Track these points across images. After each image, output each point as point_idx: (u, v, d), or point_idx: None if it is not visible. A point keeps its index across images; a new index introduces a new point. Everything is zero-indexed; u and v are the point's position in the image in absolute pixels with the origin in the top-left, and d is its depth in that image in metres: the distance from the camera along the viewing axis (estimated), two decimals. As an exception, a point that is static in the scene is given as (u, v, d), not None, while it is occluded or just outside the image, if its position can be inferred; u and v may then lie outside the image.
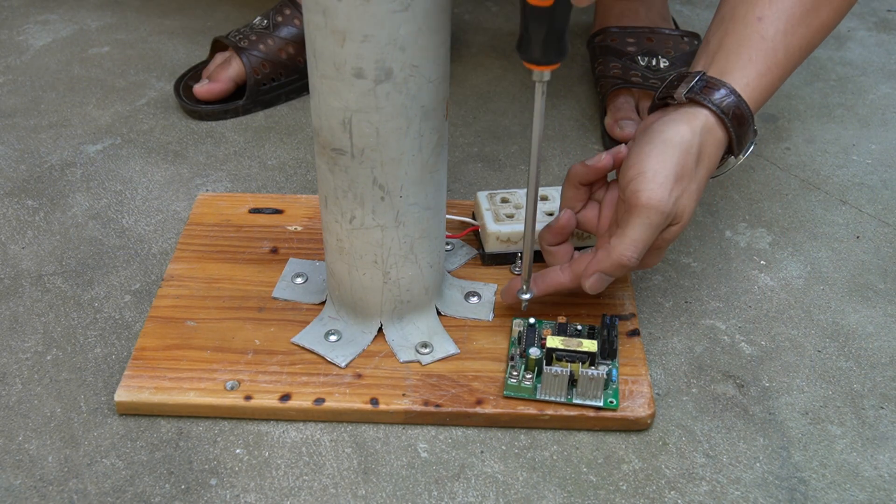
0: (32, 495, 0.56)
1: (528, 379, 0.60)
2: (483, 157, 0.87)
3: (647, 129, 0.62)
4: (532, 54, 0.52)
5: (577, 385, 0.59)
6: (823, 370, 0.66)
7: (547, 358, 0.60)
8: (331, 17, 0.52)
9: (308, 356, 0.63)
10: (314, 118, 0.58)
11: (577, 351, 0.60)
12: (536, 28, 0.50)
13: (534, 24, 0.50)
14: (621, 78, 0.89)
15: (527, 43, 0.51)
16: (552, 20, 0.50)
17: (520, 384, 0.60)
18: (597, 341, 0.61)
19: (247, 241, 0.73)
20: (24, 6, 1.13)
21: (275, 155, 0.87)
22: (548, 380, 0.59)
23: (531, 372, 0.61)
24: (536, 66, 0.52)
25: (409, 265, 0.62)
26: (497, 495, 0.57)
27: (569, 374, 0.59)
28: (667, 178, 0.59)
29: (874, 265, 0.75)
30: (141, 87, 0.97)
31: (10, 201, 0.80)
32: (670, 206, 0.59)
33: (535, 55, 0.52)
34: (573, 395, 0.60)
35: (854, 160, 0.88)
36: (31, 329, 0.67)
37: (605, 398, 0.60)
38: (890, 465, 0.59)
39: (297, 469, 0.58)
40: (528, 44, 0.51)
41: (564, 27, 0.51)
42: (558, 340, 0.60)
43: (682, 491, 0.57)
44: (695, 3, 1.17)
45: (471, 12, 1.14)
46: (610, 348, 0.61)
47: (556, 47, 0.51)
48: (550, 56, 0.52)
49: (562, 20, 0.50)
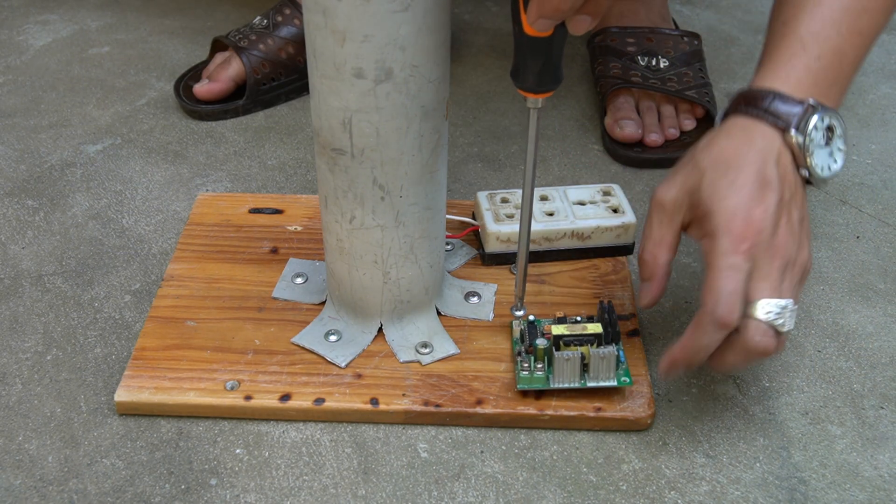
0: (32, 495, 0.56)
1: (540, 369, 0.60)
2: (483, 157, 0.87)
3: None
4: (527, 83, 0.52)
5: (590, 367, 0.59)
6: (823, 370, 0.66)
7: (555, 345, 0.60)
8: (331, 17, 0.52)
9: (308, 356, 0.63)
10: (314, 118, 0.58)
11: (583, 334, 0.60)
12: (533, 58, 0.51)
13: (531, 53, 0.50)
14: (621, 78, 0.89)
15: (522, 71, 0.52)
16: (549, 50, 0.50)
17: (532, 375, 0.60)
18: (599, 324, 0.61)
19: (247, 241, 0.73)
20: (24, 6, 1.13)
21: (275, 155, 0.87)
22: (560, 365, 0.59)
23: (541, 362, 0.61)
24: (531, 94, 0.53)
25: (409, 265, 0.62)
26: (497, 495, 0.57)
27: (580, 357, 0.59)
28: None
29: (874, 265, 0.75)
30: (141, 87, 0.97)
31: (10, 201, 0.80)
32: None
33: (530, 84, 0.52)
34: (586, 379, 0.60)
35: (854, 160, 0.88)
36: (31, 329, 0.67)
37: (619, 377, 0.60)
38: (890, 465, 0.59)
39: (297, 469, 0.58)
40: (523, 72, 0.52)
41: (560, 56, 0.51)
42: (563, 328, 0.60)
43: (682, 491, 0.57)
44: (695, 3, 1.17)
45: (471, 12, 1.14)
46: (613, 331, 0.61)
47: (551, 76, 0.52)
48: (546, 84, 0.52)
49: (558, 50, 0.51)
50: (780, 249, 0.55)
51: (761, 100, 0.58)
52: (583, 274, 0.71)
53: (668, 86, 0.88)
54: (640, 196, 0.82)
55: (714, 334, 0.54)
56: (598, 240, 0.71)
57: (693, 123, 0.89)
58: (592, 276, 0.70)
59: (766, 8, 0.66)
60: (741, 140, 0.58)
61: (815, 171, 0.58)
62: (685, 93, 0.87)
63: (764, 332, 0.54)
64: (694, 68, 0.90)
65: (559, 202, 0.72)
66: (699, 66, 0.90)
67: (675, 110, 0.89)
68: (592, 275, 0.71)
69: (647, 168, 0.86)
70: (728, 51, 1.07)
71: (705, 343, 0.55)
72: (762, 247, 0.55)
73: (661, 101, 0.89)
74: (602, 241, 0.71)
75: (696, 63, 0.90)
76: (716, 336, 0.55)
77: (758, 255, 0.55)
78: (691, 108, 0.89)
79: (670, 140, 0.87)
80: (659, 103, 0.89)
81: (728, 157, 0.57)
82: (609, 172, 0.86)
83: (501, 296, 0.68)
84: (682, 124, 0.88)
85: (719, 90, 0.98)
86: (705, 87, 0.89)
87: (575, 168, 0.86)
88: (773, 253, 0.55)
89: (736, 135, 0.58)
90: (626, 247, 0.72)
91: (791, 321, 0.55)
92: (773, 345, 0.55)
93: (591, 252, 0.72)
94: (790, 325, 0.54)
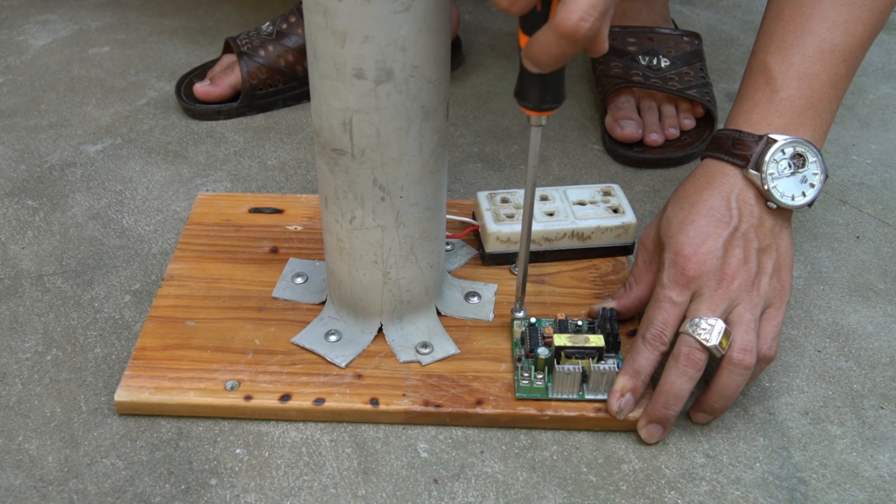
0: (32, 495, 0.56)
1: (540, 379, 0.60)
2: (483, 157, 0.87)
3: None
4: (532, 101, 0.52)
5: (589, 381, 0.60)
6: (823, 370, 0.66)
7: (556, 356, 0.60)
8: (331, 18, 0.52)
9: (308, 356, 0.63)
10: (315, 118, 0.58)
11: (585, 347, 0.60)
12: (543, 79, 0.51)
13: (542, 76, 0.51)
14: (622, 77, 0.89)
15: (526, 91, 0.52)
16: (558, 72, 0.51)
17: (532, 385, 0.60)
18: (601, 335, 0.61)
19: (247, 240, 0.73)
20: (24, 6, 1.13)
21: (275, 155, 0.87)
22: (560, 378, 0.59)
23: (541, 372, 0.61)
24: (535, 112, 0.53)
25: (409, 265, 0.62)
26: (497, 495, 0.57)
27: (581, 371, 0.59)
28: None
29: (874, 265, 0.75)
30: (141, 87, 0.97)
31: (10, 201, 0.80)
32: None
33: (534, 102, 0.52)
34: (585, 391, 0.60)
35: (854, 160, 0.88)
36: (31, 329, 0.67)
37: None
38: (890, 465, 0.59)
39: (297, 469, 0.58)
40: (527, 92, 0.52)
41: (563, 74, 0.52)
42: (565, 338, 0.60)
43: (682, 491, 0.57)
44: (695, 4, 1.17)
45: (471, 12, 1.14)
46: (614, 341, 0.61)
47: (555, 93, 0.52)
48: (550, 102, 0.52)
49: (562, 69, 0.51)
50: (727, 278, 0.59)
51: (724, 141, 0.63)
52: (583, 274, 0.71)
53: (670, 85, 0.88)
54: (640, 196, 0.82)
55: (647, 355, 0.59)
56: (598, 240, 0.71)
57: (693, 123, 0.89)
58: (592, 276, 0.70)
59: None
60: (703, 180, 0.63)
61: (780, 202, 0.62)
62: (686, 92, 0.87)
63: (689, 343, 0.58)
64: (695, 68, 0.90)
65: (559, 202, 0.72)
66: (700, 66, 0.90)
67: (676, 110, 0.89)
68: (592, 275, 0.71)
69: (648, 168, 0.86)
70: (728, 51, 1.07)
71: (641, 364, 0.59)
72: (705, 278, 0.59)
73: (662, 101, 0.89)
74: (602, 242, 0.71)
75: (697, 63, 0.90)
76: (649, 357, 0.59)
77: (700, 285, 0.59)
78: (691, 107, 0.89)
79: (670, 140, 0.87)
80: (660, 103, 0.89)
81: (688, 195, 0.62)
82: (609, 172, 0.86)
83: (501, 296, 0.68)
84: (682, 124, 0.88)
85: (719, 90, 0.98)
86: (706, 87, 0.89)
87: (575, 168, 0.86)
88: (718, 281, 0.59)
89: (700, 176, 0.63)
90: (626, 247, 0.72)
91: (714, 337, 0.57)
92: (700, 357, 0.58)
93: (591, 252, 0.72)
94: (714, 340, 0.57)
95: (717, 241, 0.59)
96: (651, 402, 0.59)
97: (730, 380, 0.58)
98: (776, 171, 0.61)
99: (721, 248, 0.59)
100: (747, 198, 0.61)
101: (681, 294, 0.59)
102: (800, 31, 0.62)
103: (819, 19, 0.62)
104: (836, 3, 0.62)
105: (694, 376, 0.58)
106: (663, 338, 0.59)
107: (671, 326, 0.59)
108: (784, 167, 0.61)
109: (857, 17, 0.62)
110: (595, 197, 0.73)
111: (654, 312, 0.60)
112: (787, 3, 0.63)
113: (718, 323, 0.58)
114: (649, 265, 0.64)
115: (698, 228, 0.60)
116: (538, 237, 0.70)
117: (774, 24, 0.64)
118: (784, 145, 0.61)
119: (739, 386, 0.58)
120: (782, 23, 0.63)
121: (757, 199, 0.61)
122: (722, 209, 0.61)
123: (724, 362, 0.58)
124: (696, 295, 0.59)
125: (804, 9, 0.62)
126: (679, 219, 0.61)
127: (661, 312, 0.59)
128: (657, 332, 0.59)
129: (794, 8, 0.63)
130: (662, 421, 0.58)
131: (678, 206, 0.62)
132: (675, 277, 0.59)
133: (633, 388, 0.59)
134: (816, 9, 0.62)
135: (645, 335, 0.59)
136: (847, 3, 0.62)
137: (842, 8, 0.62)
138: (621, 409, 0.59)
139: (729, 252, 0.59)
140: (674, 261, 0.60)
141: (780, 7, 0.64)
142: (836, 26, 0.62)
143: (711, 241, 0.60)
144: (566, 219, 0.71)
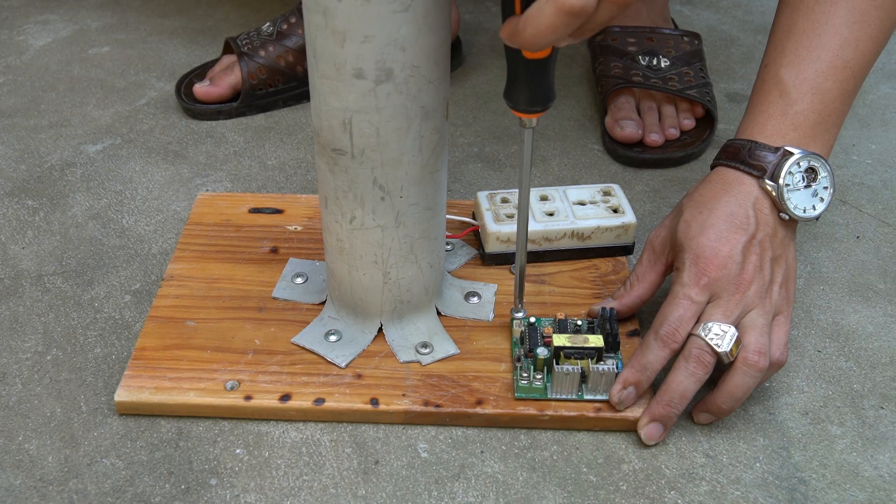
0: (32, 495, 0.56)
1: (539, 379, 0.60)
2: (483, 157, 0.87)
3: None
4: (523, 103, 0.53)
5: (588, 381, 0.60)
6: (823, 370, 0.66)
7: (555, 356, 0.60)
8: (331, 18, 0.52)
9: (308, 356, 0.63)
10: (314, 118, 0.58)
11: (584, 347, 0.60)
12: (531, 78, 0.51)
13: (529, 75, 0.51)
14: (622, 77, 0.89)
15: (518, 93, 0.52)
16: (546, 70, 0.51)
17: (531, 385, 0.60)
18: (601, 335, 0.61)
19: (247, 240, 0.73)
20: (24, 6, 1.13)
21: (275, 155, 0.87)
22: (559, 378, 0.59)
23: (540, 372, 0.61)
24: (527, 115, 0.53)
25: (409, 265, 0.62)
26: (497, 495, 0.57)
27: (580, 372, 0.59)
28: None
29: (874, 265, 0.75)
30: (141, 87, 0.97)
31: (10, 201, 0.80)
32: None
33: (526, 104, 0.53)
34: (584, 391, 0.60)
35: (854, 160, 0.88)
36: (31, 329, 0.67)
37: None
38: (890, 465, 0.59)
39: (297, 469, 0.58)
40: (518, 94, 0.52)
41: (552, 74, 0.52)
42: (564, 338, 0.60)
43: (682, 491, 0.57)
44: (695, 4, 1.17)
45: (471, 12, 1.14)
46: (614, 341, 0.61)
47: (546, 94, 0.52)
48: (541, 103, 0.53)
49: (553, 68, 0.51)
50: (743, 285, 0.59)
51: (739, 151, 0.63)
52: (583, 274, 0.71)
53: (670, 85, 0.88)
54: (640, 196, 0.82)
55: (658, 351, 0.59)
56: (598, 240, 0.71)
57: (693, 123, 0.89)
58: (592, 276, 0.70)
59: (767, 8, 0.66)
60: (719, 187, 0.63)
61: (793, 214, 0.62)
62: (686, 92, 0.87)
63: (700, 346, 0.58)
64: (695, 68, 0.90)
65: (559, 202, 0.72)
66: (700, 66, 0.90)
67: (676, 110, 0.89)
68: (592, 275, 0.71)
69: (647, 168, 0.86)
70: (728, 51, 1.07)
71: (650, 360, 0.59)
72: (724, 281, 0.59)
73: (661, 101, 0.89)
74: (602, 242, 0.71)
75: (697, 63, 0.90)
76: (659, 354, 0.59)
77: (719, 288, 0.60)
78: (691, 107, 0.89)
79: (670, 140, 0.87)
80: (660, 103, 0.89)
81: (705, 200, 0.63)
82: (609, 172, 0.86)
83: (501, 296, 0.68)
84: (682, 124, 0.88)
85: (719, 90, 0.98)
86: (706, 87, 0.89)
87: (575, 168, 0.86)
88: (735, 286, 0.59)
89: (716, 182, 0.64)
90: (626, 247, 0.72)
91: (726, 343, 0.58)
92: (710, 361, 0.58)
93: (591, 252, 0.72)
94: (725, 346, 0.58)
95: (737, 246, 0.60)
96: (655, 399, 0.59)
97: (742, 381, 0.58)
98: (791, 183, 0.62)
99: (740, 253, 0.60)
100: (763, 207, 0.62)
101: (700, 294, 0.59)
102: (813, 46, 0.63)
103: (832, 35, 0.63)
104: (847, 19, 0.62)
105: (701, 378, 0.58)
106: (676, 335, 0.59)
107: (686, 324, 0.59)
108: (798, 180, 0.62)
109: (868, 35, 0.63)
110: (595, 197, 0.73)
111: (670, 309, 0.60)
112: (798, 16, 0.64)
113: (731, 329, 0.58)
114: (653, 265, 0.64)
115: (719, 232, 0.60)
116: (538, 237, 0.70)
117: (787, 38, 0.64)
118: (800, 158, 0.62)
119: (750, 388, 0.58)
120: (795, 36, 0.64)
121: (772, 209, 0.62)
122: (741, 216, 0.61)
123: (739, 363, 0.58)
124: (713, 298, 0.60)
125: (816, 24, 0.63)
126: (699, 222, 0.61)
127: (678, 309, 0.59)
128: (671, 329, 0.59)
129: (807, 22, 0.63)
130: (664, 420, 0.59)
131: (696, 210, 0.62)
132: (697, 278, 0.60)
133: (637, 382, 0.59)
134: (829, 24, 0.63)
135: (658, 331, 0.59)
136: (858, 20, 0.62)
137: (853, 25, 0.62)
138: (622, 401, 0.59)
139: (746, 258, 0.60)
140: (695, 261, 0.60)
141: (793, 20, 0.64)
142: (847, 43, 0.63)
143: (731, 245, 0.60)
144: (566, 219, 0.71)
